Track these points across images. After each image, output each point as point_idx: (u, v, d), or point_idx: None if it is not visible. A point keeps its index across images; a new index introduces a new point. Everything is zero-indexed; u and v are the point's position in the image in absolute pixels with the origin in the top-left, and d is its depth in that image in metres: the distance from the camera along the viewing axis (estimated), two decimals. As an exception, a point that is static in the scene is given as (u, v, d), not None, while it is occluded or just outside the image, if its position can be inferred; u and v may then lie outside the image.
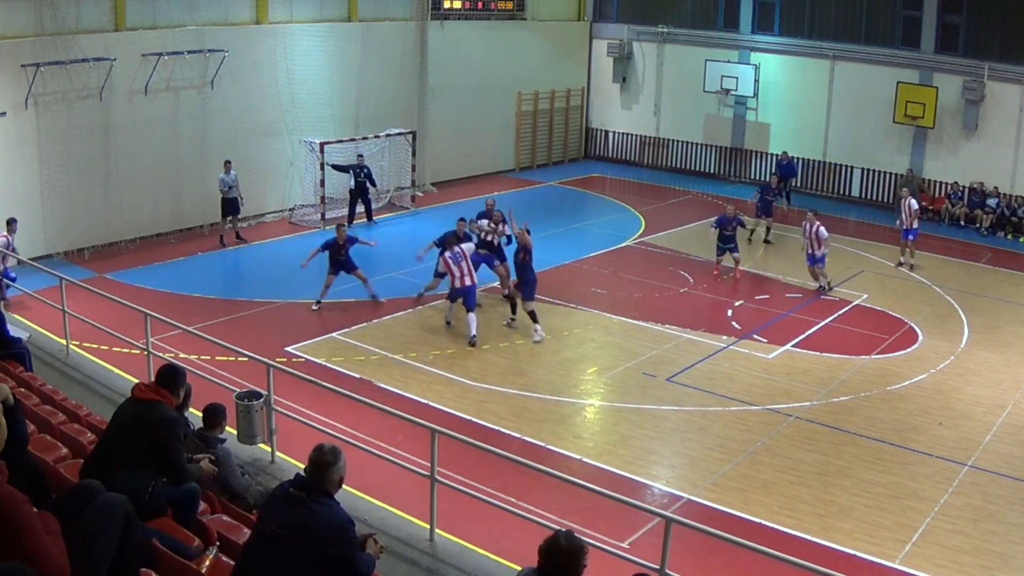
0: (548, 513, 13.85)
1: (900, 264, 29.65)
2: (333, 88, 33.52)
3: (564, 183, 40.23)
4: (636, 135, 44.51)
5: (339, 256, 24.18)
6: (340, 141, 32.69)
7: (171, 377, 9.30)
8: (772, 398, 19.88)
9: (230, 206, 29.12)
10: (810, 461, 17.31)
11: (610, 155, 45.34)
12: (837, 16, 38.81)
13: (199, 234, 29.82)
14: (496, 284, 25.26)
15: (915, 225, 29.32)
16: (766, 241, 32.34)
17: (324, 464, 7.33)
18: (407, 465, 12.95)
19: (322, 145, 31.52)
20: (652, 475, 16.84)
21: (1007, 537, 15.16)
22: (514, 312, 23.39)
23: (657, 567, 9.73)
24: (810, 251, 26.94)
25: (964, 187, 36.40)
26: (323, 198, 31.95)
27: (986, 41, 35.61)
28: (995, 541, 15.01)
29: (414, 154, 35.27)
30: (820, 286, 26.89)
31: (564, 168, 43.20)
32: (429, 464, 11.54)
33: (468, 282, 22.22)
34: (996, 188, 35.39)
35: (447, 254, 22.47)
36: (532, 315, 22.43)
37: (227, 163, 28.79)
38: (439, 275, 23.99)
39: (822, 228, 26.73)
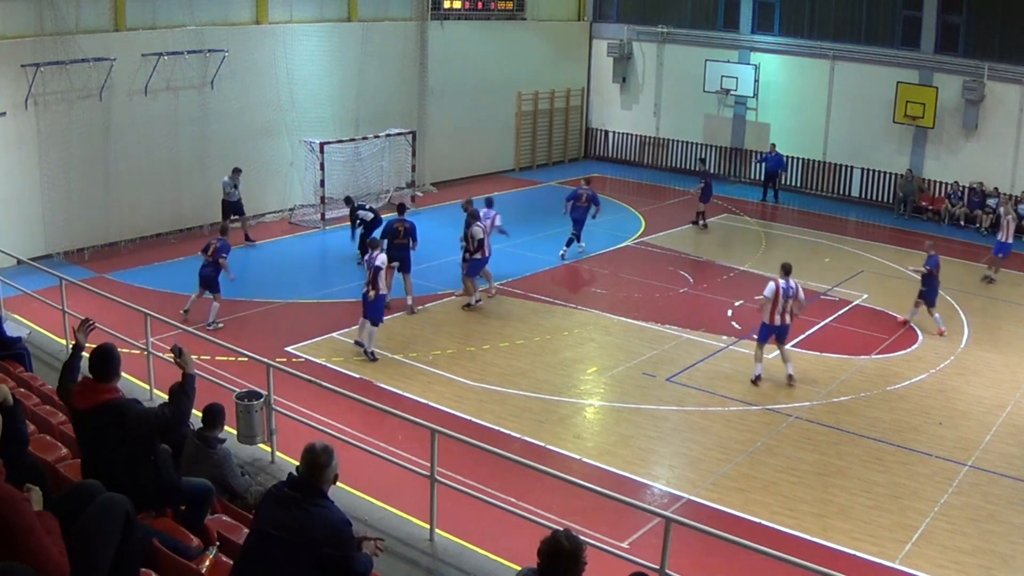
0: (548, 513, 13.85)
1: (988, 279, 29.11)
2: (333, 88, 33.51)
3: (564, 183, 40.09)
4: (636, 135, 44.52)
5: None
6: (340, 141, 32.68)
7: (105, 363, 8.92)
8: (772, 398, 19.89)
9: (231, 208, 29.05)
10: (810, 461, 17.32)
11: (610, 155, 45.35)
12: (837, 16, 38.82)
13: (199, 234, 29.78)
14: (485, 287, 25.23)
15: (1010, 240, 28.78)
16: (693, 223, 33.67)
17: (318, 465, 7.29)
18: (407, 465, 12.96)
19: (322, 145, 31.51)
20: (652, 475, 16.85)
21: (1007, 537, 15.18)
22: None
23: (657, 567, 9.75)
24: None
25: (964, 187, 36.41)
26: (323, 198, 31.94)
27: (986, 41, 35.61)
28: (995, 541, 15.03)
29: (414, 154, 35.27)
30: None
31: (564, 168, 43.18)
32: (429, 464, 11.55)
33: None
34: (996, 188, 35.39)
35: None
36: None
37: (236, 171, 28.80)
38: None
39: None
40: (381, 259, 21.04)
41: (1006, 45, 35.10)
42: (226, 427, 11.63)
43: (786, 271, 20.97)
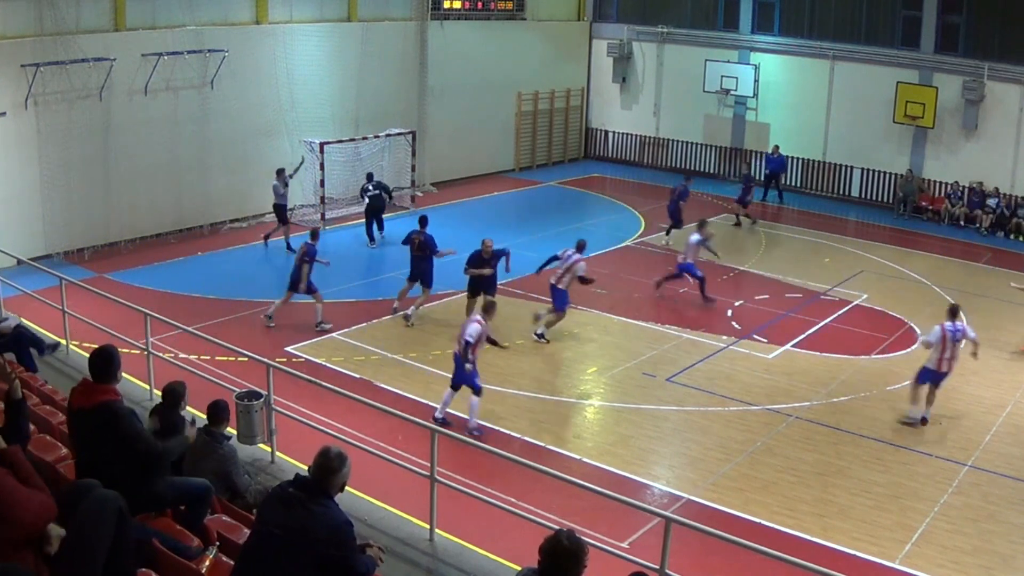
0: (548, 513, 13.84)
1: None
2: (333, 88, 33.49)
3: (564, 183, 40.23)
4: (636, 135, 44.50)
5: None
6: (340, 141, 32.67)
7: (105, 364, 8.98)
8: (772, 398, 19.88)
9: (281, 211, 29.06)
10: (810, 461, 17.32)
11: (610, 155, 45.33)
12: (837, 16, 38.81)
13: (199, 234, 29.81)
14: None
15: None
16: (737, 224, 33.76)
17: (329, 470, 7.33)
18: (407, 465, 12.96)
19: (322, 145, 31.50)
20: (652, 475, 16.84)
21: (1007, 537, 15.18)
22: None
23: (657, 567, 9.75)
24: None
25: (964, 187, 36.41)
26: (323, 198, 31.94)
27: (986, 41, 35.61)
28: (995, 541, 15.03)
29: (414, 154, 35.25)
30: None
31: (564, 168, 43.20)
32: (429, 464, 11.55)
33: None
34: (996, 188, 35.40)
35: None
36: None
37: (279, 172, 28.85)
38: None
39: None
40: (470, 332, 18.36)
41: (1006, 45, 35.10)
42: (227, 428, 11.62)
43: (952, 313, 19.25)
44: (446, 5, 38.73)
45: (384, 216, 30.46)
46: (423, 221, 24.55)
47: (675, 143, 43.47)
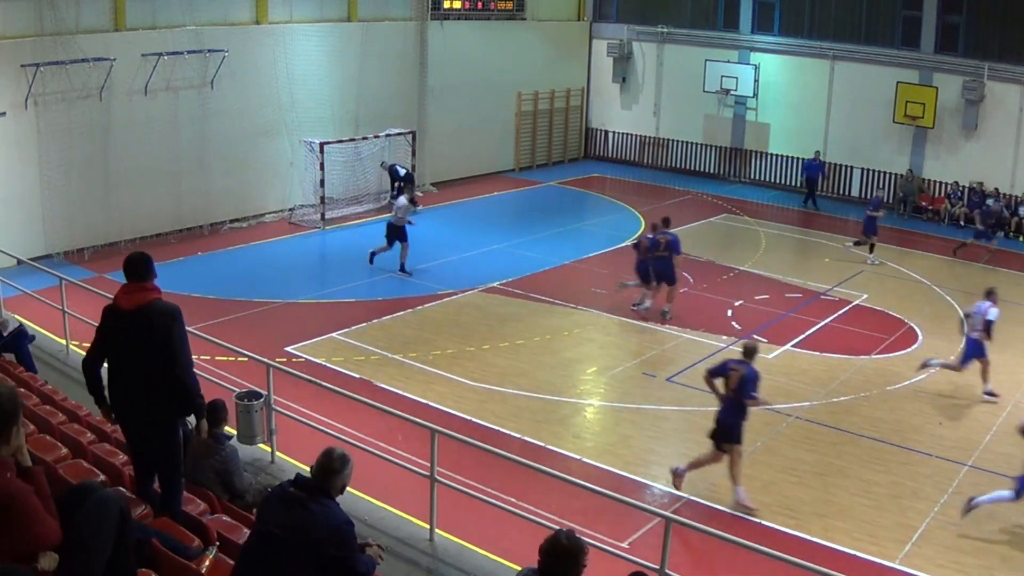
0: (548, 513, 13.84)
1: None
2: (333, 88, 33.48)
3: (564, 183, 40.22)
4: (636, 135, 44.50)
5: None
6: (340, 141, 32.68)
7: (145, 265, 9.57)
8: (772, 398, 19.71)
9: (399, 233, 27.08)
10: (810, 461, 17.32)
11: (610, 155, 45.32)
12: (837, 16, 38.84)
13: (199, 234, 29.79)
14: None
15: None
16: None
17: (331, 471, 7.36)
18: (407, 465, 12.97)
19: (322, 145, 31.50)
20: (652, 475, 16.82)
21: (1009, 536, 15.18)
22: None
23: (657, 567, 9.75)
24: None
25: (964, 187, 36.42)
26: (323, 198, 31.94)
27: (986, 41, 35.63)
28: (996, 541, 15.02)
29: (414, 154, 35.27)
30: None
31: (564, 168, 43.20)
32: (429, 464, 11.55)
33: None
34: (996, 188, 35.40)
35: None
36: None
37: (407, 181, 28.42)
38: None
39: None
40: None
41: (1006, 45, 35.11)
42: (227, 428, 11.62)
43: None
44: (446, 5, 38.71)
45: (384, 216, 30.41)
46: (667, 222, 25.31)
47: (675, 143, 43.47)
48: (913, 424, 19.14)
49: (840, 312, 25.53)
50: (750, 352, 15.69)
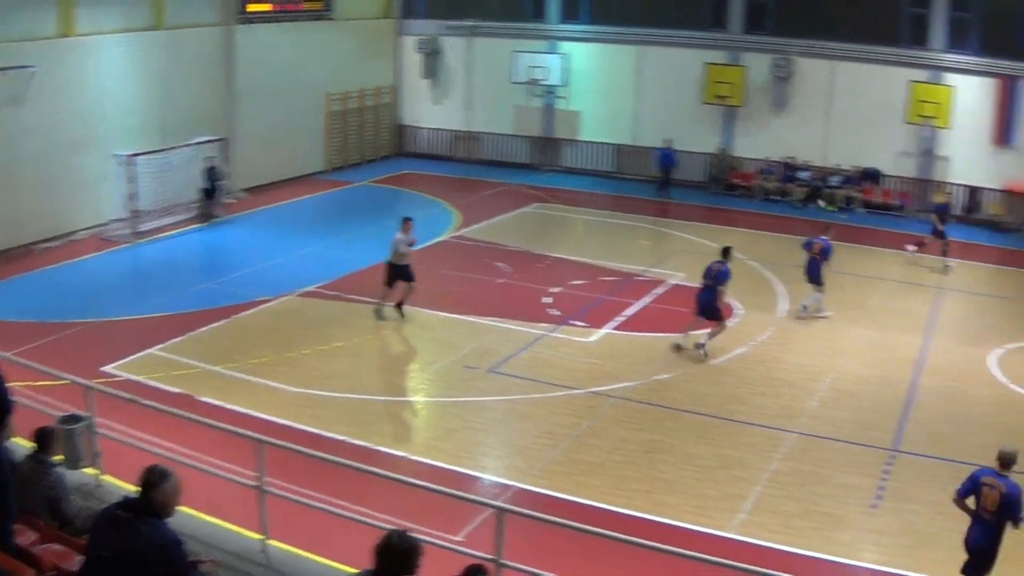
0: (382, 514, 13.34)
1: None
2: (141, 98, 32.09)
3: (376, 182, 39.65)
4: (448, 130, 44.14)
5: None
6: (150, 152, 31.48)
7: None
8: (595, 381, 19.78)
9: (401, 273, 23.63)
10: (636, 440, 17.24)
11: (422, 151, 44.90)
12: (644, 1, 39.29)
13: (12, 256, 28.23)
14: None
15: None
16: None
17: (149, 484, 7.21)
18: (235, 477, 12.37)
19: (130, 157, 30.30)
20: (481, 467, 16.54)
21: (836, 498, 15.46)
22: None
23: (494, 557, 9.63)
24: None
25: (776, 162, 37.20)
26: (135, 211, 30.70)
27: (794, 19, 36.51)
28: (825, 503, 15.29)
29: (225, 161, 34.30)
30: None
31: (376, 167, 42.55)
32: (256, 475, 11.10)
33: None
34: (807, 161, 36.29)
35: None
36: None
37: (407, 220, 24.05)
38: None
39: None
40: None
41: (814, 22, 36.06)
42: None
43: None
44: (251, 9, 37.69)
45: (191, 228, 29.56)
46: (826, 228, 25.26)
47: (487, 136, 43.31)
48: (737, 396, 19.33)
49: (657, 292, 25.65)
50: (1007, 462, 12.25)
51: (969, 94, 34.60)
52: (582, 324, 23.01)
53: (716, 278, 21.44)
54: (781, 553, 13.90)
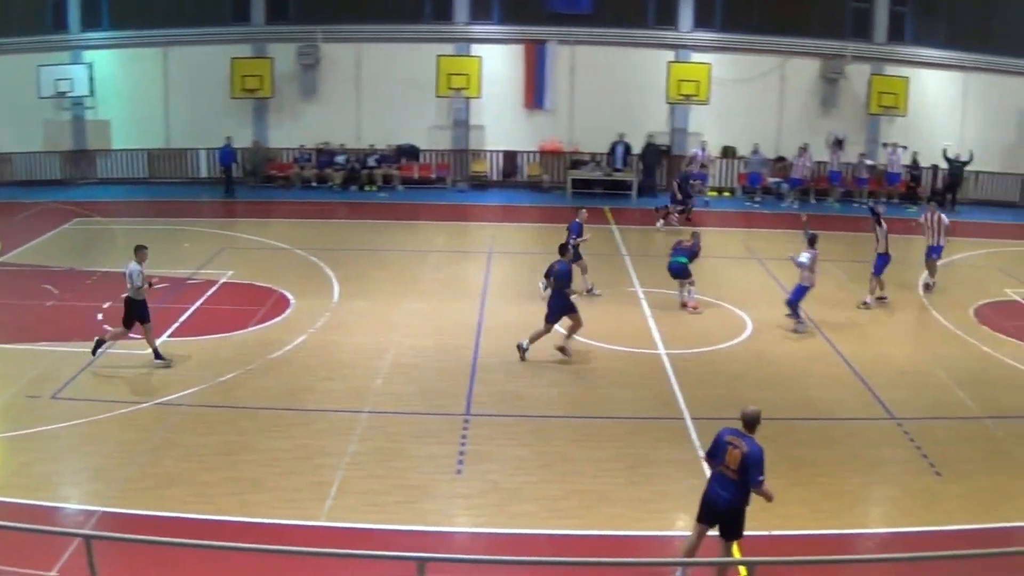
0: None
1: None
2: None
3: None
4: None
5: None
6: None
7: None
8: (160, 391, 19.49)
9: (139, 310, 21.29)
10: (211, 444, 17.22)
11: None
12: (166, 2, 38.73)
13: None
14: None
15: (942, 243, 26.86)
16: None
17: None
18: None
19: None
20: (63, 496, 15.92)
21: (419, 470, 16.20)
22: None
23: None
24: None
25: (311, 149, 37.79)
26: None
27: (317, 4, 37.15)
28: (408, 475, 15.99)
29: None
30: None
31: None
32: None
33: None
34: (343, 145, 37.13)
35: None
36: None
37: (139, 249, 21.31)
38: None
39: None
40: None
41: (337, 5, 36.82)
42: None
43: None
44: None
45: None
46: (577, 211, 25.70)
47: (17, 156, 40.91)
48: (303, 385, 19.74)
49: (209, 293, 25.62)
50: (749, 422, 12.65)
51: (497, 63, 36.65)
52: (136, 336, 22.48)
53: (557, 278, 21.14)
54: (373, 532, 14.38)
